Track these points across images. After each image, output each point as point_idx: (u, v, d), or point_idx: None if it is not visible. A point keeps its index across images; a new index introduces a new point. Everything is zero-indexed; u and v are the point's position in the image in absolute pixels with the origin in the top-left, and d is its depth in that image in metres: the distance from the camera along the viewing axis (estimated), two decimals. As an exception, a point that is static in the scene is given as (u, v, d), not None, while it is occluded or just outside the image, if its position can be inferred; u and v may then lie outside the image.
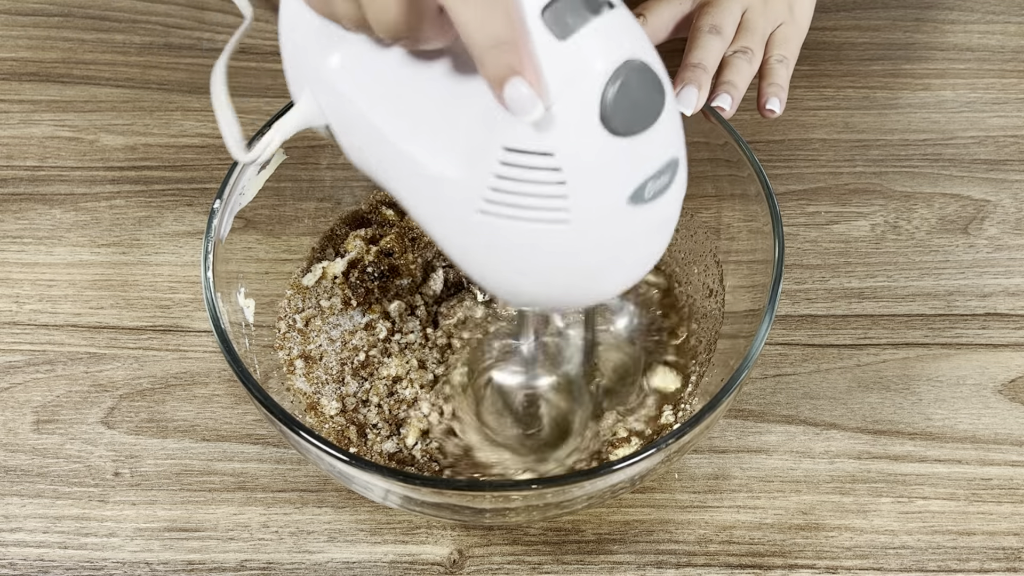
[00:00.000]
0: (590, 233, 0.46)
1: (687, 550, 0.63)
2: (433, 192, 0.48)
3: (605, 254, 0.48)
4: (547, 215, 0.45)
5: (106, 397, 0.68)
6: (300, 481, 0.65)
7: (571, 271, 0.48)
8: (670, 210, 0.49)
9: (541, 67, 0.42)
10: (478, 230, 0.47)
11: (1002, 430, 0.67)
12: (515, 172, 0.45)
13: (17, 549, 0.63)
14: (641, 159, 0.46)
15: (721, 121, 0.66)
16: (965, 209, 0.77)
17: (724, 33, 0.69)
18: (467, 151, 0.46)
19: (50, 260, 0.74)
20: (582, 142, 0.44)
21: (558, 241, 0.46)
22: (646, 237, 0.49)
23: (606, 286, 0.51)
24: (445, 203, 0.48)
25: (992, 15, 0.89)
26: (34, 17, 0.88)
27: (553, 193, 0.45)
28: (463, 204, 0.47)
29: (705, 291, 0.69)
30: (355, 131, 0.50)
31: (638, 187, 0.46)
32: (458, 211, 0.47)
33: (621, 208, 0.46)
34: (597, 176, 0.45)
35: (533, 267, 0.48)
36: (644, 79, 0.44)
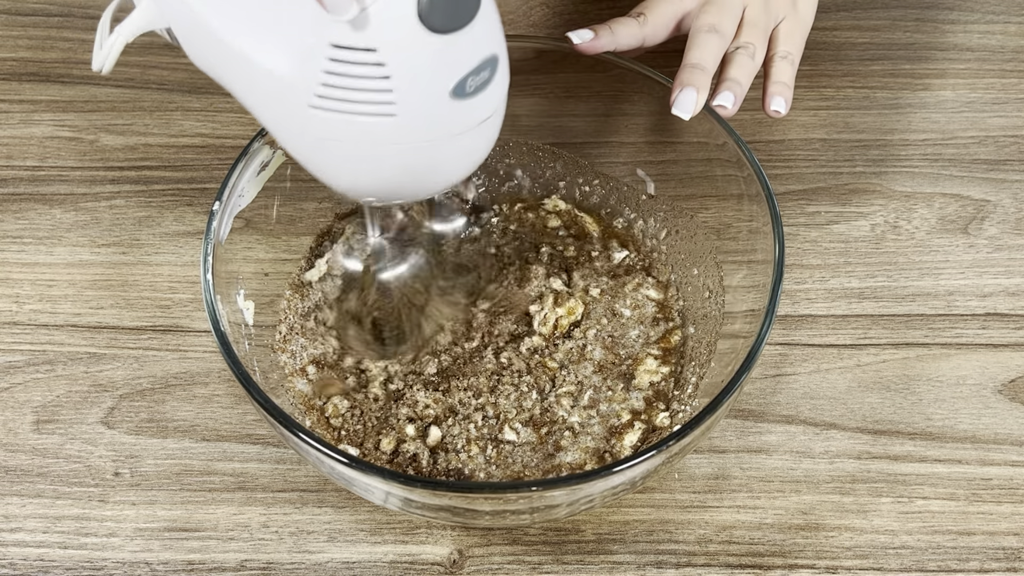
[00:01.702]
0: (415, 125, 0.50)
1: (687, 550, 0.63)
2: (267, 88, 0.50)
3: (432, 147, 0.51)
4: (374, 108, 0.48)
5: (106, 397, 0.68)
6: (300, 481, 0.65)
7: (400, 163, 0.52)
8: (491, 104, 0.52)
9: None
10: (310, 124, 0.50)
11: (1002, 430, 0.67)
12: (342, 68, 0.47)
13: (17, 549, 0.63)
14: (461, 55, 0.49)
15: (720, 121, 0.66)
16: (965, 209, 0.77)
17: (724, 32, 0.68)
18: (297, 48, 0.48)
19: (50, 260, 0.74)
20: (403, 38, 0.47)
21: (385, 133, 0.50)
22: (471, 132, 0.52)
23: (436, 178, 0.55)
24: (279, 99, 0.50)
25: (992, 15, 0.89)
26: (34, 17, 0.88)
27: (378, 87, 0.48)
28: (295, 99, 0.49)
29: (705, 291, 0.69)
30: (194, 32, 0.52)
31: (459, 81, 0.49)
32: (291, 106, 0.50)
33: (444, 101, 0.49)
34: (419, 70, 0.48)
35: (363, 159, 0.51)
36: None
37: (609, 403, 0.66)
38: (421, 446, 0.64)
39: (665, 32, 0.71)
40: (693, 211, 0.71)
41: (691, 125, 0.66)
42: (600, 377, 0.67)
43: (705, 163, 0.68)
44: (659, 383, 0.67)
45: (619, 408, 0.66)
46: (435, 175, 0.54)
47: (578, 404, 0.66)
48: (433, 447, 0.64)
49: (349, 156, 0.51)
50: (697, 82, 0.65)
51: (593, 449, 0.64)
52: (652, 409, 0.66)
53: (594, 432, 0.65)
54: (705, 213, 0.70)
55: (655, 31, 0.70)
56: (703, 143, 0.67)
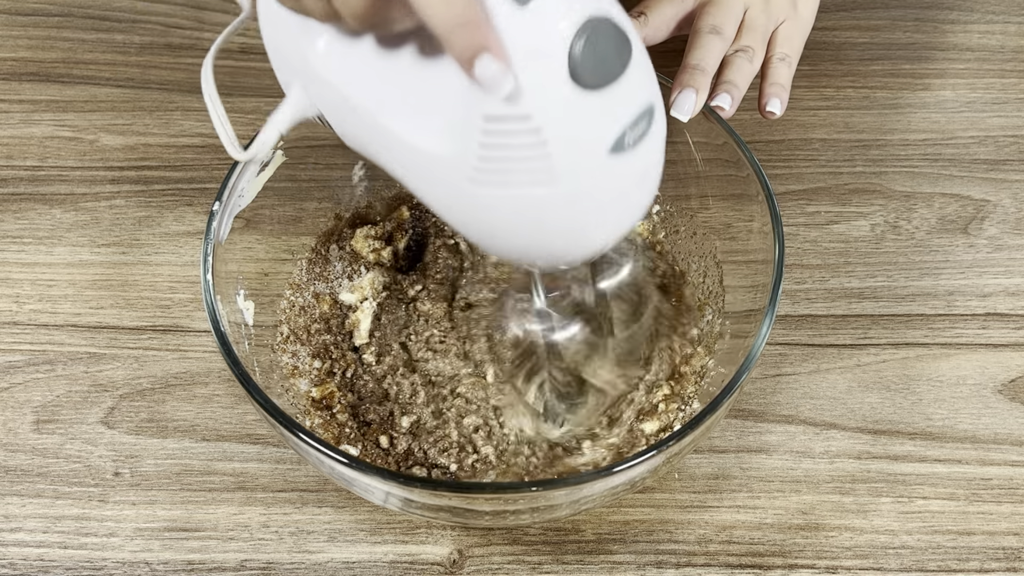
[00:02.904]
0: (577, 188, 0.48)
1: (687, 550, 0.63)
2: (425, 167, 0.50)
3: (595, 206, 0.50)
4: (534, 177, 0.47)
5: (106, 397, 0.68)
6: (300, 481, 0.65)
7: (565, 228, 0.50)
8: (652, 156, 0.50)
9: (506, 39, 0.43)
10: (471, 199, 0.49)
11: (1002, 430, 0.67)
12: (498, 140, 0.46)
13: (17, 549, 0.63)
14: (616, 109, 0.47)
15: (720, 121, 0.66)
16: (965, 209, 0.77)
17: (724, 33, 0.68)
18: (451, 125, 0.47)
19: (50, 260, 0.74)
20: (556, 100, 0.45)
21: (548, 201, 0.48)
22: (632, 185, 0.51)
23: (601, 237, 0.53)
24: (437, 177, 0.49)
25: (992, 15, 0.89)
26: (34, 17, 0.88)
27: (536, 155, 0.46)
28: (454, 176, 0.48)
29: (705, 291, 0.69)
30: (346, 117, 0.52)
31: (618, 137, 0.47)
32: (450, 183, 0.49)
33: (603, 160, 0.47)
34: (575, 131, 0.46)
35: (529, 228, 0.50)
36: (608, 32, 0.45)
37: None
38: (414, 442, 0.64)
39: (666, 32, 0.71)
40: (693, 211, 0.71)
41: (691, 125, 0.66)
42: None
43: (705, 163, 0.68)
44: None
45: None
46: (598, 235, 0.52)
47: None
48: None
49: (514, 226, 0.50)
50: (697, 83, 0.65)
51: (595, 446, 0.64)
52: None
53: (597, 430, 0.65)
54: (705, 213, 0.70)
55: (656, 31, 0.70)
56: (703, 143, 0.67)
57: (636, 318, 0.67)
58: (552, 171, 0.47)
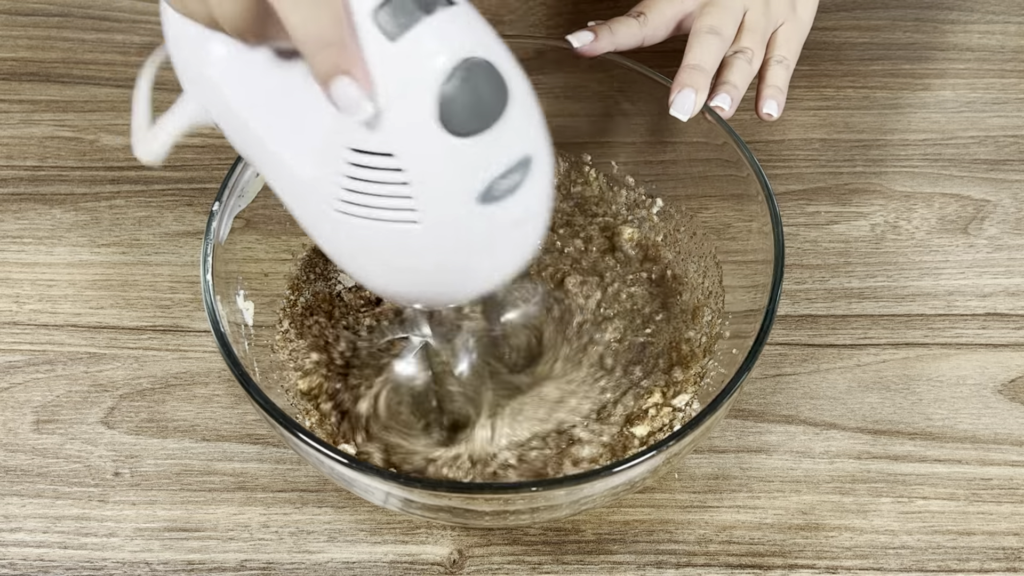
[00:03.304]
0: (442, 233, 0.47)
1: (687, 550, 0.63)
2: (298, 190, 0.49)
3: (462, 253, 0.48)
4: (396, 215, 0.46)
5: (106, 397, 0.68)
6: (300, 481, 0.65)
7: (431, 270, 0.49)
8: (525, 208, 0.48)
9: (372, 68, 0.42)
10: (338, 228, 0.48)
11: (1002, 430, 0.67)
12: (362, 172, 0.45)
13: (17, 549, 0.63)
14: (486, 158, 0.45)
15: (720, 121, 0.66)
16: (965, 209, 0.77)
17: (724, 34, 0.68)
18: (320, 151, 0.46)
19: (50, 260, 0.74)
20: (422, 143, 0.44)
21: (411, 241, 0.47)
22: (504, 235, 0.49)
23: (472, 284, 0.51)
24: (308, 200, 0.49)
25: (992, 15, 0.89)
26: (34, 17, 0.88)
27: (399, 193, 0.45)
28: (322, 202, 0.47)
29: (705, 291, 0.69)
30: (233, 129, 0.51)
31: (486, 187, 0.45)
32: (319, 208, 0.48)
33: (470, 208, 0.46)
34: (441, 177, 0.45)
35: (393, 264, 0.49)
36: (483, 77, 0.44)
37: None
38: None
39: (665, 32, 0.71)
40: (693, 211, 0.71)
41: (691, 125, 0.67)
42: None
43: (705, 163, 0.68)
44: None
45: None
46: (470, 281, 0.51)
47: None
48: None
49: (379, 262, 0.49)
50: (696, 83, 0.65)
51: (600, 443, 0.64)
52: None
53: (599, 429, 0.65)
54: (705, 213, 0.70)
55: (655, 31, 0.71)
56: (703, 143, 0.67)
57: (531, 345, 0.66)
58: (415, 212, 0.45)
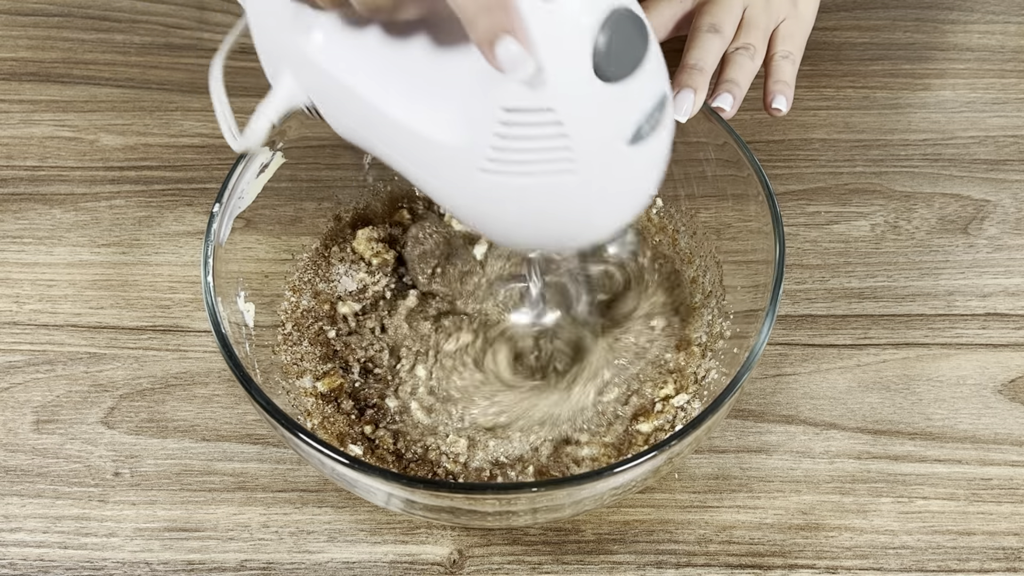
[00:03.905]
0: (595, 178, 0.48)
1: (687, 550, 0.63)
2: (432, 157, 0.49)
3: (610, 194, 0.50)
4: (553, 167, 0.47)
5: (106, 397, 0.68)
6: (300, 481, 0.65)
7: (578, 215, 0.50)
8: (665, 144, 0.51)
9: (530, 30, 0.43)
10: (482, 189, 0.49)
11: (1002, 430, 0.67)
12: (516, 131, 0.46)
13: (17, 549, 0.63)
14: (636, 100, 0.47)
15: (721, 121, 0.66)
16: (965, 209, 0.77)
17: (723, 32, 0.68)
18: (464, 115, 0.47)
19: (50, 260, 0.74)
20: (580, 94, 0.45)
21: (565, 190, 0.48)
22: (645, 173, 0.51)
23: (611, 223, 0.53)
24: (446, 167, 0.49)
25: (992, 15, 0.89)
26: (34, 17, 0.88)
27: (557, 146, 0.46)
28: (465, 166, 0.48)
29: (705, 291, 0.69)
30: (343, 107, 0.51)
31: (637, 128, 0.48)
32: (460, 173, 0.49)
33: (624, 149, 0.48)
34: (597, 124, 0.46)
35: (540, 215, 0.50)
36: (629, 24, 0.45)
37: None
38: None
39: (665, 32, 0.71)
40: (693, 211, 0.71)
41: (691, 125, 0.66)
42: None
43: (705, 163, 0.68)
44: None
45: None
46: (610, 219, 0.52)
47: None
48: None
49: (526, 215, 0.50)
50: (695, 83, 0.65)
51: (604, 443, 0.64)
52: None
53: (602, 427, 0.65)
54: (705, 213, 0.70)
55: (655, 31, 0.70)
56: (703, 143, 0.67)
57: (628, 294, 0.68)
58: (572, 162, 0.47)
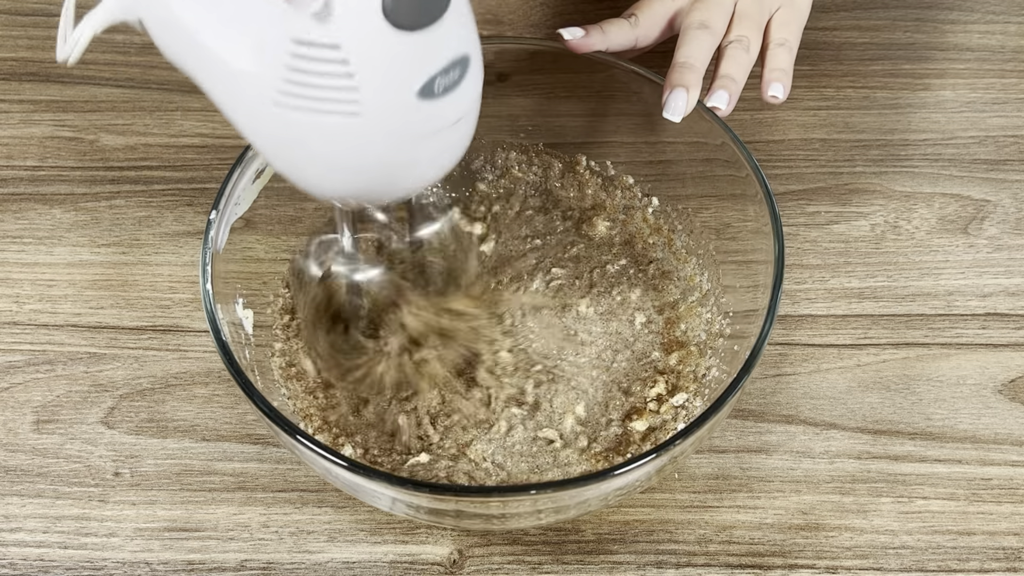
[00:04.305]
0: (382, 125, 0.48)
1: (687, 550, 0.63)
2: (233, 85, 0.49)
3: (400, 148, 0.50)
4: (338, 107, 0.47)
5: (106, 397, 0.68)
6: (300, 481, 0.65)
7: (367, 164, 0.50)
8: (463, 106, 0.50)
9: None
10: (274, 122, 0.49)
11: (1002, 430, 0.67)
12: (305, 64, 0.46)
13: (17, 549, 0.63)
14: (428, 54, 0.47)
15: (719, 121, 0.66)
16: (965, 209, 0.77)
17: (714, 28, 0.68)
18: (259, 43, 0.47)
19: (50, 260, 0.74)
20: (367, 35, 0.46)
21: (351, 133, 0.48)
22: (441, 133, 0.51)
23: (407, 181, 0.53)
24: (244, 95, 0.49)
25: (992, 15, 0.89)
26: (34, 17, 0.88)
27: (342, 85, 0.47)
28: (259, 96, 0.48)
29: (703, 290, 0.69)
30: (163, 25, 0.51)
31: (426, 81, 0.48)
32: (255, 103, 0.49)
33: (411, 102, 0.48)
34: (385, 69, 0.47)
35: (330, 159, 0.50)
36: None
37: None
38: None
39: (657, 32, 0.71)
40: (693, 211, 0.71)
41: (689, 125, 0.66)
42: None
43: (704, 163, 0.68)
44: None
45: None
46: (405, 177, 0.52)
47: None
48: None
49: (315, 156, 0.50)
50: (687, 81, 0.65)
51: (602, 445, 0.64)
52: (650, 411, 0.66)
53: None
54: (705, 213, 0.70)
55: (647, 31, 0.70)
56: (702, 143, 0.67)
57: (453, 266, 0.66)
58: (356, 104, 0.47)
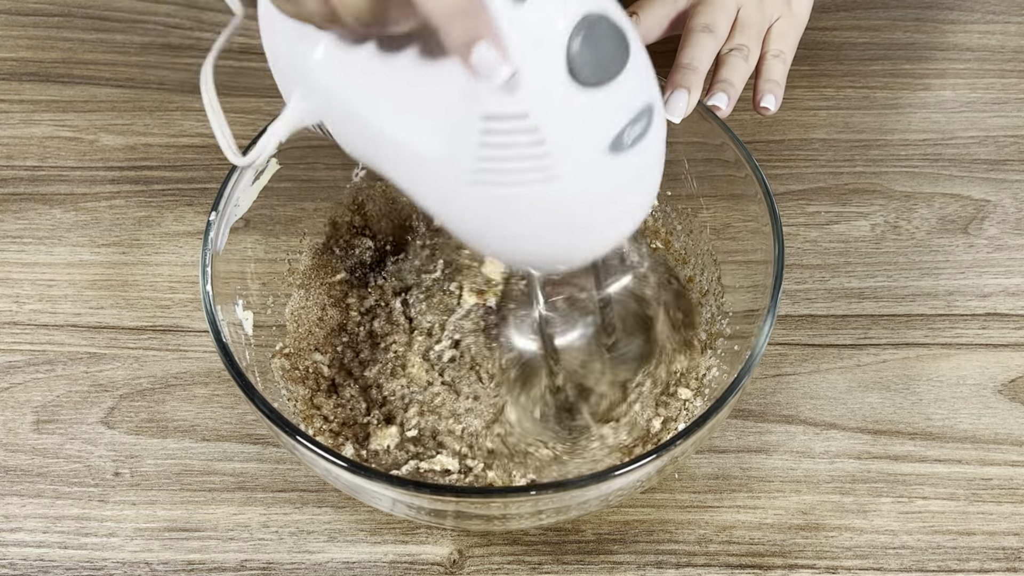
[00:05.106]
0: (577, 186, 0.48)
1: (687, 550, 0.63)
2: (422, 170, 0.50)
3: (595, 205, 0.50)
4: (532, 176, 0.47)
5: (106, 397, 0.68)
6: (300, 481, 0.65)
7: (564, 226, 0.50)
8: (651, 156, 0.50)
9: (503, 32, 0.44)
10: (469, 200, 0.49)
11: (1002, 430, 0.67)
12: (496, 139, 0.46)
13: (17, 549, 0.63)
14: (615, 107, 0.47)
15: (718, 122, 0.66)
16: (965, 209, 0.77)
17: (717, 32, 0.68)
18: (449, 126, 0.47)
19: (50, 260, 0.74)
20: (554, 98, 0.45)
21: (547, 199, 0.48)
22: (631, 185, 0.51)
23: (602, 238, 0.53)
24: (434, 179, 0.49)
25: (992, 15, 0.89)
26: (34, 17, 0.88)
27: (534, 153, 0.46)
28: (451, 177, 0.48)
29: (704, 291, 0.69)
30: (346, 124, 0.51)
31: (616, 135, 0.47)
32: (448, 184, 0.49)
33: (603, 158, 0.48)
34: (574, 129, 0.46)
35: (527, 227, 0.50)
36: (605, 30, 0.46)
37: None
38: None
39: (659, 31, 0.71)
40: (693, 211, 0.71)
41: (689, 125, 0.66)
42: None
43: (704, 163, 0.68)
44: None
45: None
46: (601, 235, 0.52)
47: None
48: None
49: (513, 227, 0.50)
50: (689, 83, 0.65)
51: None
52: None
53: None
54: (705, 213, 0.70)
55: (649, 31, 0.70)
56: (702, 143, 0.67)
57: (640, 325, 0.67)
58: (550, 169, 0.47)
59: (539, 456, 0.63)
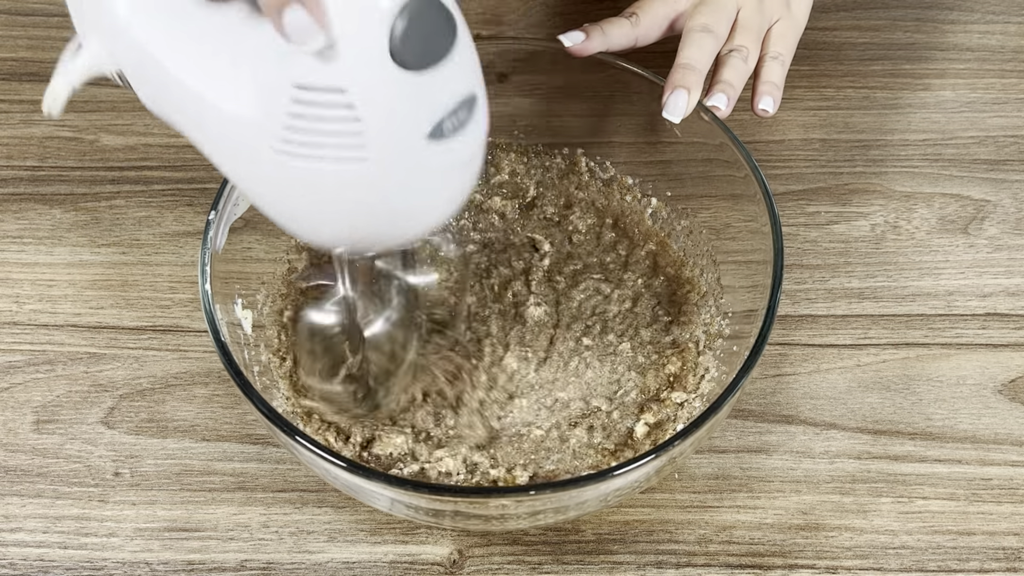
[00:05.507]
0: (391, 170, 0.47)
1: (687, 550, 0.63)
2: (228, 133, 0.48)
3: (409, 192, 0.48)
4: (344, 153, 0.46)
5: (106, 397, 0.68)
6: (300, 481, 0.65)
7: (375, 210, 0.49)
8: (472, 145, 0.49)
9: (325, 1, 0.42)
10: (274, 170, 0.47)
11: (1002, 430, 0.67)
12: (308, 110, 0.45)
13: (17, 549, 0.63)
14: (437, 95, 0.46)
15: (718, 122, 0.66)
16: (965, 209, 0.77)
17: (717, 32, 0.68)
18: (259, 90, 0.46)
19: (50, 260, 0.74)
20: (374, 77, 0.44)
21: (358, 179, 0.47)
22: (449, 175, 0.49)
23: (413, 225, 0.51)
24: (240, 144, 0.48)
25: (992, 15, 0.89)
26: (34, 17, 0.88)
27: (349, 131, 0.45)
28: (257, 144, 0.47)
29: (701, 290, 0.69)
30: (147, 75, 0.49)
31: (436, 123, 0.46)
32: (253, 151, 0.47)
33: (420, 144, 0.46)
34: (393, 112, 0.45)
35: (334, 206, 0.48)
36: (433, 14, 0.44)
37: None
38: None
39: (658, 32, 0.71)
40: (693, 211, 0.71)
41: (689, 125, 0.67)
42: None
43: (704, 163, 0.68)
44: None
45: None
46: (411, 221, 0.51)
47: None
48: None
49: (318, 203, 0.48)
50: (688, 83, 0.65)
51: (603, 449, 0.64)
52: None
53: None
54: (705, 213, 0.70)
55: (648, 31, 0.70)
56: (701, 143, 0.67)
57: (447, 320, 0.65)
58: (364, 149, 0.46)
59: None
